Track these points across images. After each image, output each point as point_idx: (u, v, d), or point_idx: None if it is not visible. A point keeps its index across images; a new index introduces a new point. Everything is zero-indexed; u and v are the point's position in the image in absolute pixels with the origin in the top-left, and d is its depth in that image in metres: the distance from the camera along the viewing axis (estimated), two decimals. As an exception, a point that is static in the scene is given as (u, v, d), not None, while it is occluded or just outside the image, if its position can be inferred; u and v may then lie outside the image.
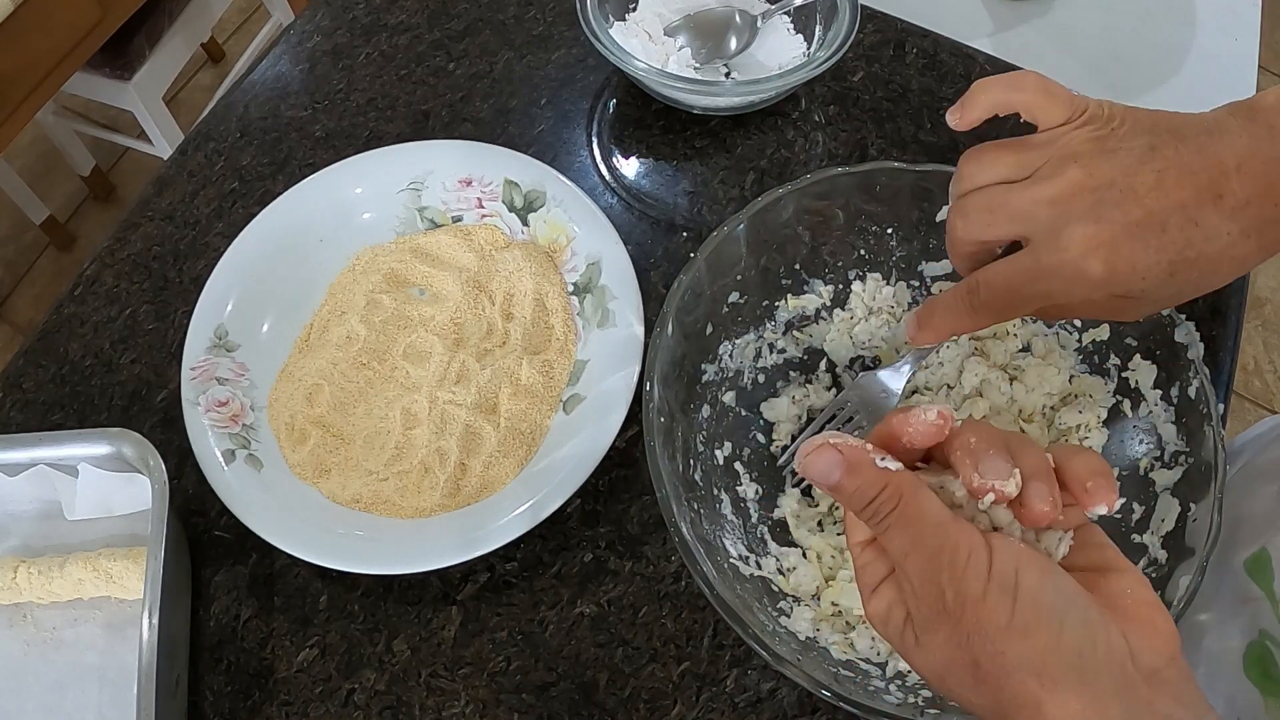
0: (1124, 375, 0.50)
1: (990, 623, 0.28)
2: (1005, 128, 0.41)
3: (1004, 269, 0.38)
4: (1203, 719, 0.28)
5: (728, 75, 0.69)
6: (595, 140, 0.68)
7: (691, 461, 0.49)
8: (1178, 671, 0.29)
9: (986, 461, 0.31)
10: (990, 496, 0.31)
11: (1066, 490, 0.31)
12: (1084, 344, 0.52)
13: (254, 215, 0.60)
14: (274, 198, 0.61)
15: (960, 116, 0.40)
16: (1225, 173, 0.34)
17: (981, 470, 0.31)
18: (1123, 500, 0.47)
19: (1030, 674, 0.28)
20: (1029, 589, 0.29)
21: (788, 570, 0.49)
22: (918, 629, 0.31)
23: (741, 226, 0.51)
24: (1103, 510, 0.31)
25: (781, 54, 0.69)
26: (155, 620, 0.45)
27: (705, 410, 0.52)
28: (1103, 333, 0.52)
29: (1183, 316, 0.47)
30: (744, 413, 0.54)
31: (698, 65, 0.67)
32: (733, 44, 0.68)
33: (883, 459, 0.31)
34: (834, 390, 0.55)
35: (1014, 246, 0.38)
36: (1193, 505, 0.43)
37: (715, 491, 0.50)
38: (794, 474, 0.52)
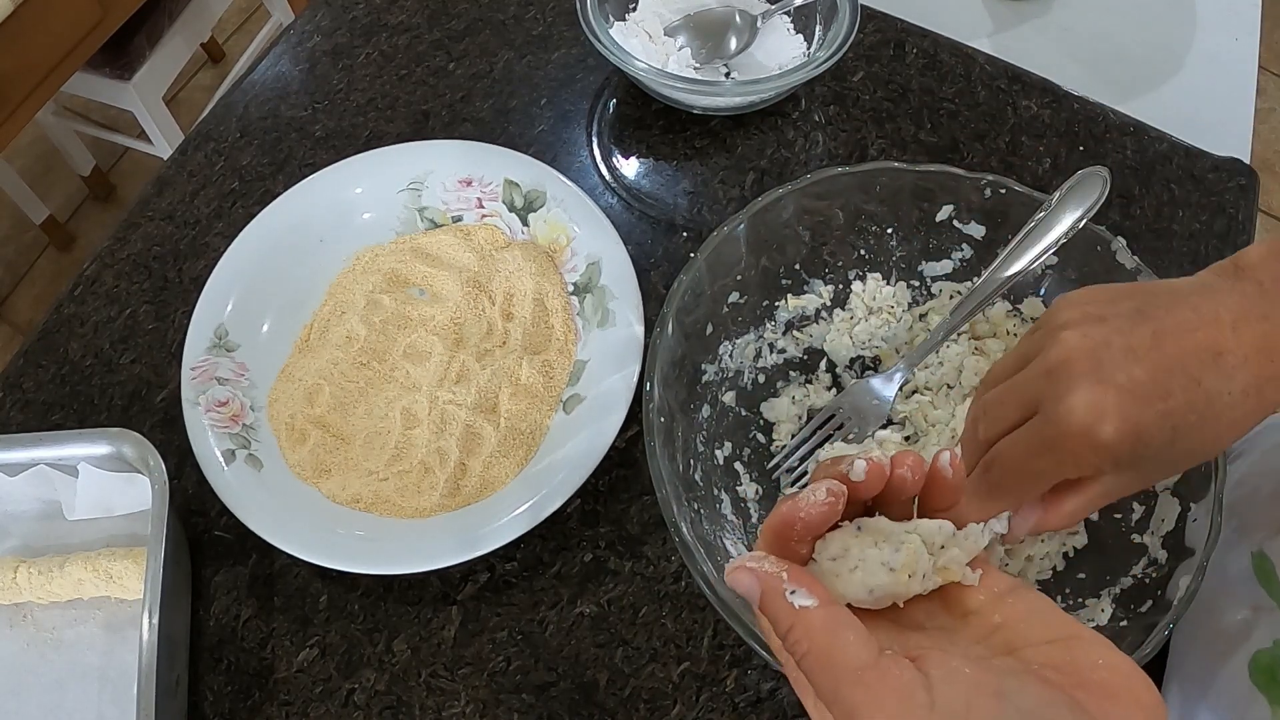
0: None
1: None
2: (1005, 127, 0.41)
3: (1015, 440, 0.35)
4: None
5: (728, 75, 0.69)
6: (595, 140, 0.68)
7: (691, 461, 0.49)
8: None
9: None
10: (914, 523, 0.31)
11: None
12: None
13: (254, 215, 0.60)
14: (274, 198, 0.61)
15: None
16: (1222, 329, 0.32)
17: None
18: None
19: None
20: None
21: (788, 570, 0.49)
22: None
23: (741, 226, 0.51)
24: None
25: (781, 54, 0.69)
26: (155, 620, 0.45)
27: (705, 410, 0.52)
28: (1103, 333, 0.51)
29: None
30: (744, 413, 0.54)
31: (698, 65, 0.67)
32: (733, 44, 0.68)
33: (793, 591, 0.28)
34: (834, 390, 0.55)
35: None
36: (1192, 505, 0.43)
37: (715, 491, 0.50)
38: (788, 475, 0.52)
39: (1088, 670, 0.27)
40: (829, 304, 0.56)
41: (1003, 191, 0.51)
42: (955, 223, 0.53)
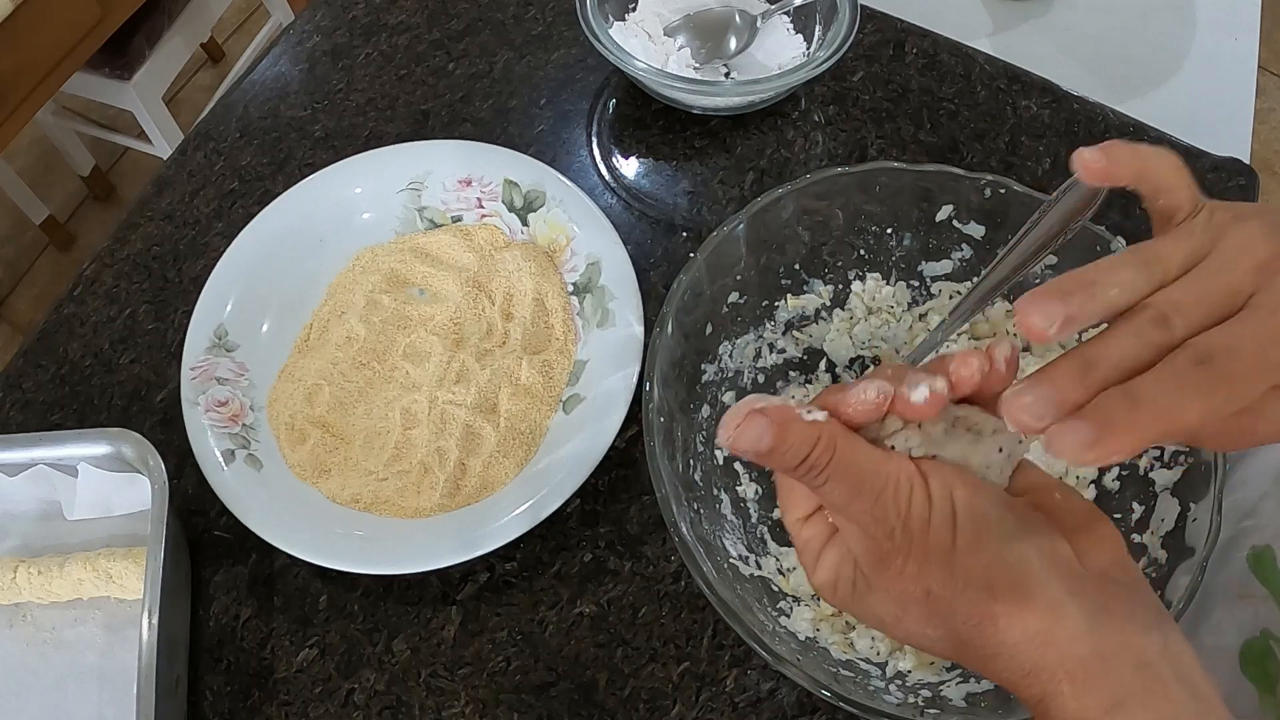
0: (1124, 375, 0.50)
1: (937, 547, 0.29)
2: (1005, 127, 0.41)
3: (1237, 333, 0.29)
4: (1160, 617, 0.28)
5: (727, 75, 0.69)
6: (595, 140, 0.68)
7: (691, 461, 0.49)
8: (1125, 572, 0.29)
9: (910, 377, 0.30)
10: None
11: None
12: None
13: (254, 215, 0.60)
14: (274, 198, 0.61)
15: (1100, 167, 0.33)
16: None
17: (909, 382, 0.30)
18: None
19: (981, 589, 0.28)
20: (966, 507, 0.29)
21: (787, 570, 0.49)
22: (868, 574, 0.31)
23: (741, 226, 0.51)
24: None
25: (781, 54, 0.69)
26: (155, 620, 0.45)
27: (705, 410, 0.52)
28: (1102, 333, 0.51)
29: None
30: (744, 413, 0.54)
31: (697, 65, 0.67)
32: (732, 44, 0.68)
33: (809, 412, 0.30)
34: (834, 390, 0.55)
35: None
36: (1192, 505, 0.43)
37: (715, 491, 0.50)
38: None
39: (1051, 510, 0.31)
40: (829, 304, 0.56)
41: (1002, 191, 0.51)
42: (955, 223, 0.53)
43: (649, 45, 0.68)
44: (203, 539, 0.54)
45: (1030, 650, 0.28)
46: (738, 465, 0.52)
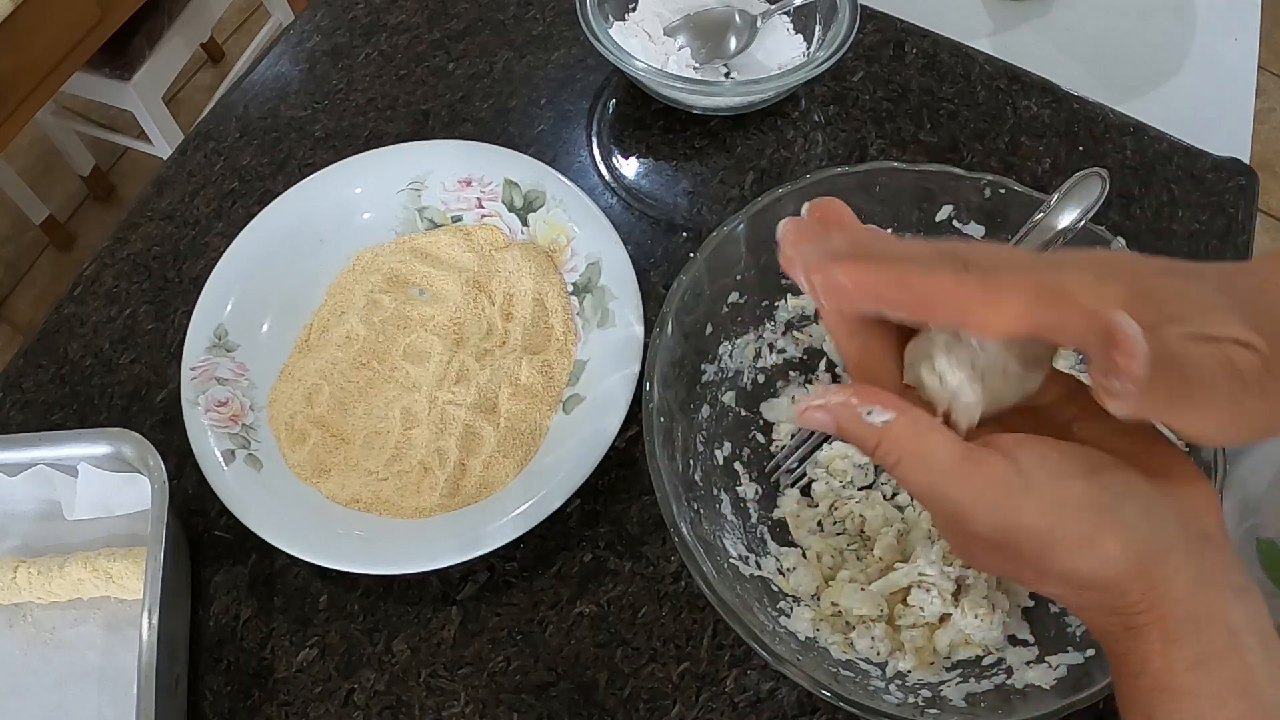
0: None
1: (1049, 542, 0.27)
2: (1005, 127, 0.41)
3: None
4: (1248, 582, 0.28)
5: (727, 75, 0.69)
6: (595, 140, 0.68)
7: (691, 461, 0.49)
8: (1221, 533, 0.29)
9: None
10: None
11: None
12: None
13: (254, 215, 0.60)
14: (274, 198, 0.61)
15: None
16: None
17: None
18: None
19: (1106, 582, 0.27)
20: (1076, 497, 0.27)
21: (787, 570, 0.49)
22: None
23: (741, 226, 0.51)
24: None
25: (781, 54, 0.69)
26: (155, 620, 0.45)
27: (705, 410, 0.52)
28: (1102, 333, 0.51)
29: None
30: (744, 413, 0.54)
31: (697, 65, 0.67)
32: (732, 44, 0.68)
33: (869, 412, 0.29)
34: (834, 390, 0.55)
35: None
36: (1192, 505, 0.43)
37: (715, 491, 0.50)
38: (787, 476, 0.52)
39: (1156, 459, 0.29)
40: (829, 304, 0.56)
41: (1002, 191, 0.51)
42: (955, 223, 0.53)
43: (649, 45, 0.68)
44: (203, 539, 0.54)
45: (1131, 589, 0.27)
46: (738, 465, 0.52)
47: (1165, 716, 0.27)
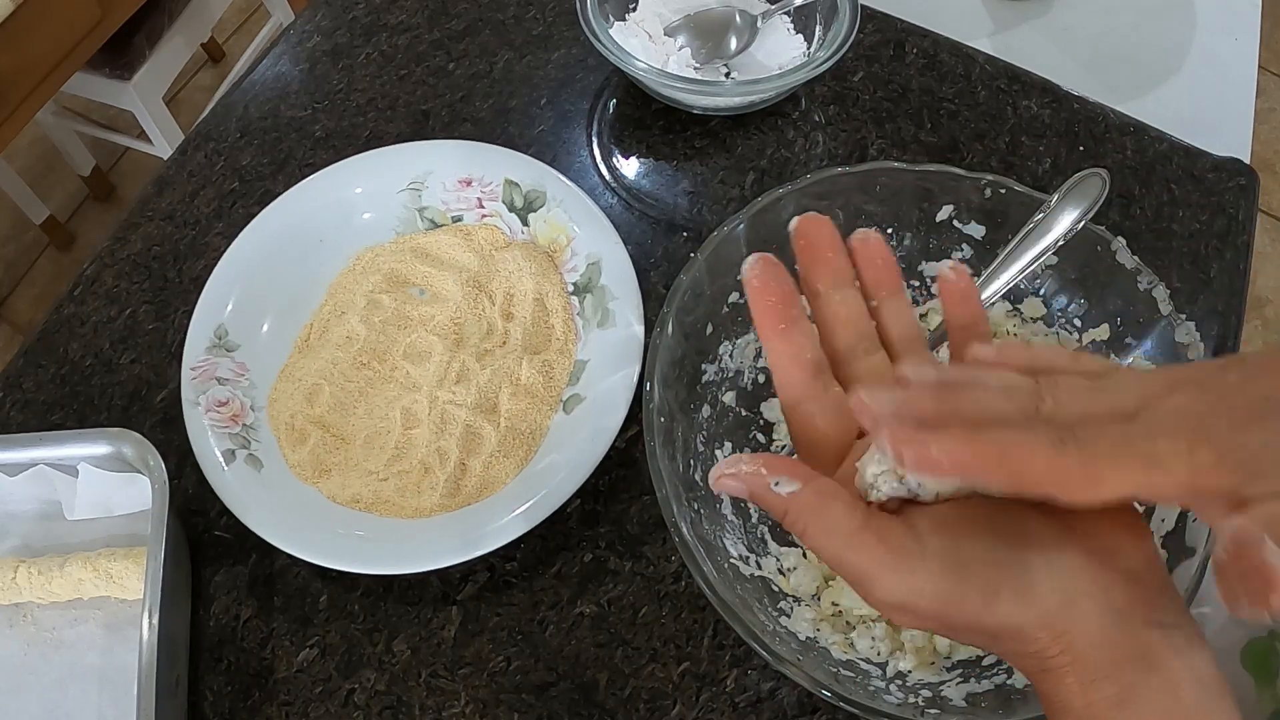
0: (1124, 375, 0.50)
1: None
2: (1005, 127, 0.41)
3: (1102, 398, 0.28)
4: (1180, 617, 0.27)
5: (728, 75, 0.69)
6: (595, 140, 0.68)
7: (692, 461, 0.49)
8: (1151, 571, 0.28)
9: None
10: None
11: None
12: (1084, 344, 0.52)
13: (254, 215, 0.60)
14: (274, 198, 0.61)
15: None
16: None
17: None
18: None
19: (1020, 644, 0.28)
20: (973, 556, 0.28)
21: (788, 570, 0.49)
22: None
23: (741, 226, 0.51)
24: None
25: (781, 54, 0.69)
26: (155, 620, 0.45)
27: (705, 410, 0.52)
28: (1103, 333, 0.52)
29: (1182, 316, 0.47)
30: (744, 413, 0.54)
31: (698, 65, 0.67)
32: (733, 44, 0.68)
33: (777, 483, 0.30)
34: (834, 390, 0.55)
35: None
36: (1193, 505, 0.43)
37: (715, 491, 0.50)
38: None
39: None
40: (829, 304, 0.56)
41: (1003, 191, 0.51)
42: (955, 223, 0.53)
43: (649, 45, 0.68)
44: (203, 539, 0.54)
45: (1038, 638, 0.27)
46: (738, 465, 0.52)
47: None
